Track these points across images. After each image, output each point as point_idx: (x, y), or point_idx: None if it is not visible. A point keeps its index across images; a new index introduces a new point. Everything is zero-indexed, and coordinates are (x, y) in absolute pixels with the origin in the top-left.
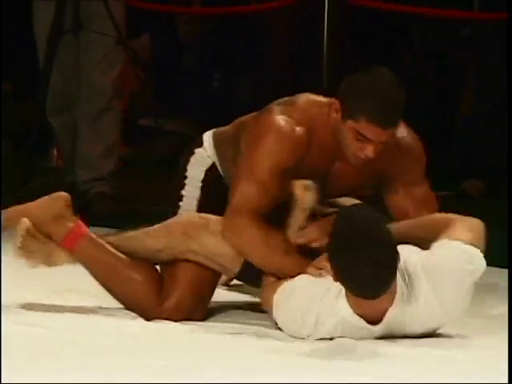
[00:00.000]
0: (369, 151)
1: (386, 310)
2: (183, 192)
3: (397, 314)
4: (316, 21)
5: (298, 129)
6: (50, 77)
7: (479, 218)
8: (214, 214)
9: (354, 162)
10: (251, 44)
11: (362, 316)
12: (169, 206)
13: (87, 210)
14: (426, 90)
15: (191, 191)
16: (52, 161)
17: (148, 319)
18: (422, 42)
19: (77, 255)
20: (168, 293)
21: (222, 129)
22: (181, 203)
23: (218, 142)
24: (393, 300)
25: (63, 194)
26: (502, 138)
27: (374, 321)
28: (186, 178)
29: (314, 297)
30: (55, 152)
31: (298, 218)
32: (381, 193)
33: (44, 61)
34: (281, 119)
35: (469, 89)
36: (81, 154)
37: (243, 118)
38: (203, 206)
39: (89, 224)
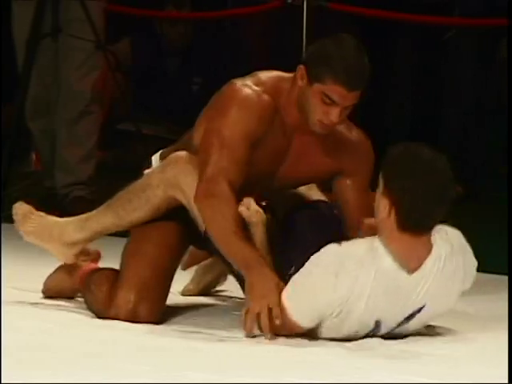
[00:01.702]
0: (334, 115)
1: (424, 259)
2: None
3: (433, 264)
4: (297, 25)
5: (264, 96)
6: (29, 81)
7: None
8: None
9: (319, 129)
10: (233, 48)
11: (401, 264)
12: None
13: (66, 214)
14: (410, 90)
15: None
16: (31, 165)
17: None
18: (405, 44)
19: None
20: (115, 291)
21: (167, 148)
22: None
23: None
24: (431, 250)
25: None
26: (482, 141)
27: (412, 270)
28: None
29: (349, 257)
30: (34, 156)
31: (256, 234)
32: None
33: (23, 65)
34: (245, 88)
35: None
36: (60, 158)
37: (189, 131)
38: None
39: None
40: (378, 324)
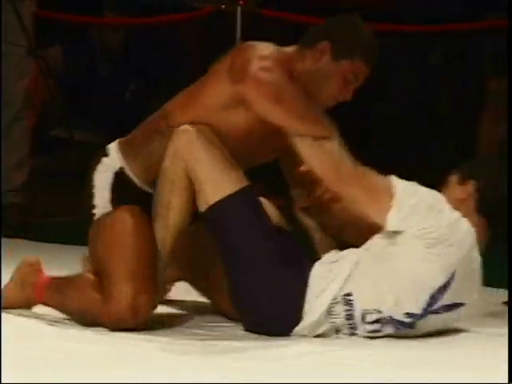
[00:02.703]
0: (350, 92)
1: None
2: (95, 201)
3: None
4: (232, 31)
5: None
6: None
7: None
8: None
9: (329, 104)
10: (167, 54)
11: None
12: (79, 217)
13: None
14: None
15: (102, 197)
16: None
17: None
18: None
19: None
20: (108, 289)
21: (127, 136)
22: (95, 211)
23: (125, 148)
24: None
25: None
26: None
27: None
28: (93, 187)
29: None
30: None
31: None
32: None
33: None
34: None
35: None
36: None
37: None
38: (116, 203)
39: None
40: None
